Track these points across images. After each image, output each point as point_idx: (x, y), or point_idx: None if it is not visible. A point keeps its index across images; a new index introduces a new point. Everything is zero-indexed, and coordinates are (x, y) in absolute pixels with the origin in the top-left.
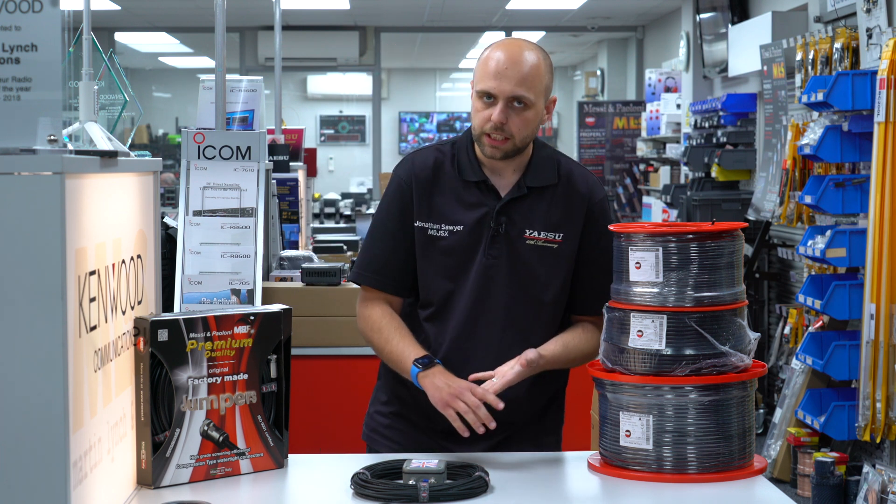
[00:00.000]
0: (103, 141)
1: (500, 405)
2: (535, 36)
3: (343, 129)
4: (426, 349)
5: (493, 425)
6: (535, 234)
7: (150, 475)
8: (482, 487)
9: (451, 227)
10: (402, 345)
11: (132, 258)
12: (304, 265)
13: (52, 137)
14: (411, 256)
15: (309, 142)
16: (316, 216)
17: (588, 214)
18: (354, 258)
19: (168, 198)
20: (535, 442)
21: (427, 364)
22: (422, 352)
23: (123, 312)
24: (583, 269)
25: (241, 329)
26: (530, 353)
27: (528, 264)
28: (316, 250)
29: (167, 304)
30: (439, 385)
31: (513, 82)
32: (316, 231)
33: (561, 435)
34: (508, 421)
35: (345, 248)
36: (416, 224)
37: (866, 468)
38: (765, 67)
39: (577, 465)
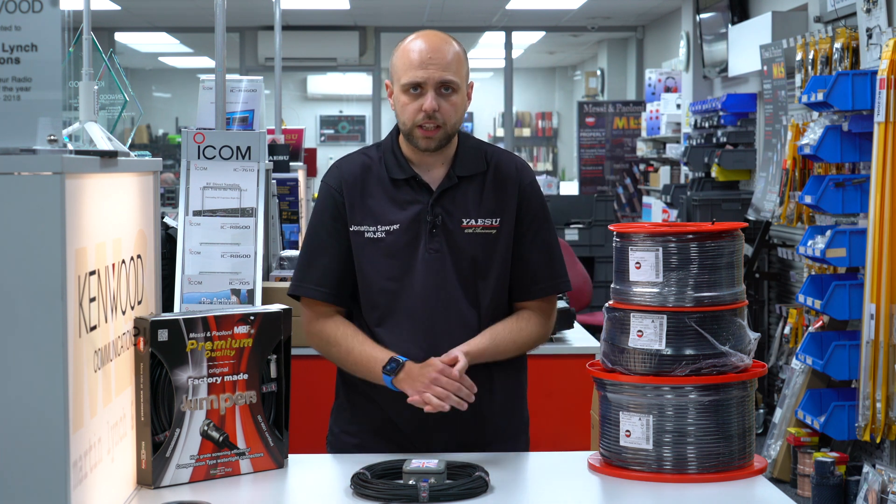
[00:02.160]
0: (103, 141)
1: (471, 386)
2: (535, 36)
3: (343, 129)
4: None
5: (464, 405)
6: (473, 221)
7: (150, 475)
8: (482, 487)
9: (387, 228)
10: (365, 352)
11: (132, 258)
12: None
13: (52, 137)
14: (350, 265)
15: (309, 142)
16: None
17: (521, 197)
18: None
19: (168, 198)
20: (509, 442)
21: (395, 368)
22: (386, 354)
23: (123, 312)
24: (518, 254)
25: (241, 329)
26: (454, 353)
27: (470, 253)
28: None
29: (167, 304)
30: (415, 382)
31: (440, 68)
32: None
33: (529, 434)
34: (479, 413)
35: None
36: (352, 229)
37: (866, 468)
38: (765, 67)
39: (577, 465)
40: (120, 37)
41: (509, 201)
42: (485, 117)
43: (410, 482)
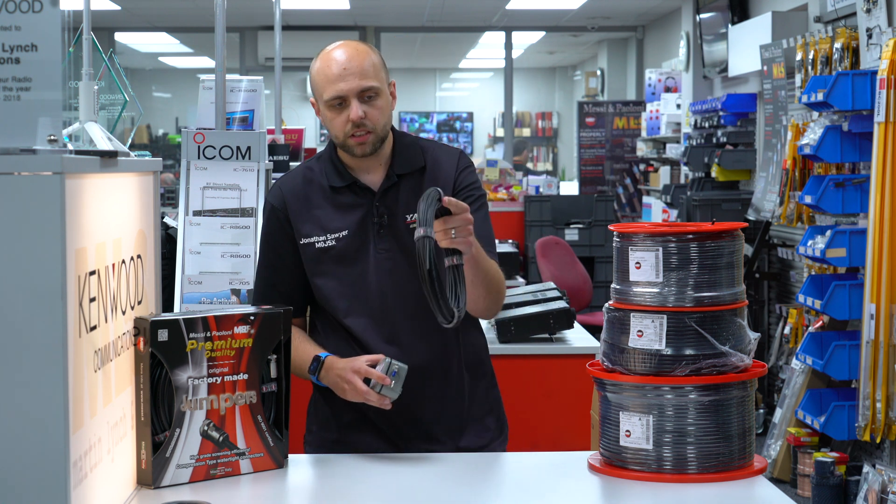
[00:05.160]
0: (103, 141)
1: (387, 381)
2: (536, 36)
3: None
4: (355, 348)
5: (386, 403)
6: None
7: (150, 475)
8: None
9: (336, 235)
10: (299, 352)
11: (132, 258)
12: None
13: (52, 137)
14: (303, 278)
15: (309, 142)
16: None
17: (455, 180)
18: None
19: (168, 198)
20: (482, 423)
21: (316, 367)
22: (314, 352)
23: (123, 312)
24: None
25: (241, 329)
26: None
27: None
28: None
29: (167, 304)
30: (335, 382)
31: (357, 77)
32: None
33: (505, 423)
34: (440, 395)
35: None
36: (301, 242)
37: (866, 468)
38: (765, 67)
39: (577, 465)
40: (120, 37)
41: (447, 191)
42: (485, 117)
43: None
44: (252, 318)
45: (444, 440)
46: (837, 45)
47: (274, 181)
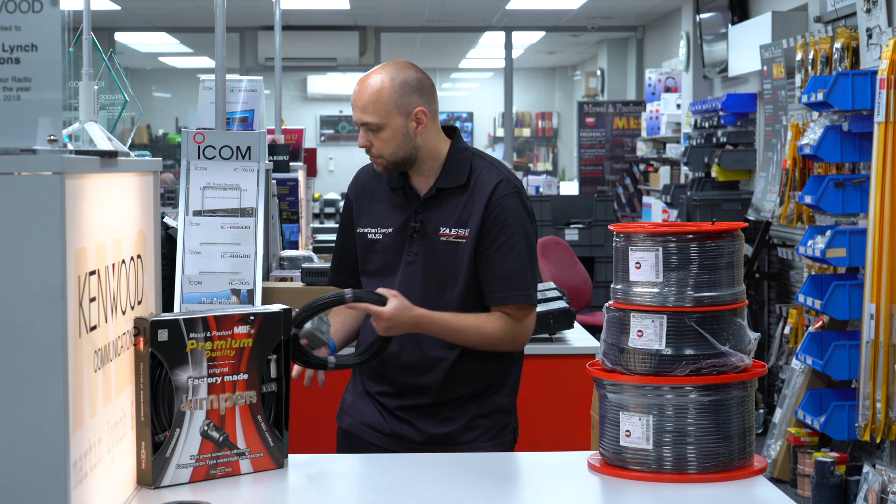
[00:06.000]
0: (103, 141)
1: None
2: (535, 36)
3: (343, 129)
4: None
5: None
6: (448, 230)
7: (150, 475)
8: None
9: (384, 230)
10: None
11: (132, 258)
12: (304, 265)
13: (52, 137)
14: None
15: (309, 142)
16: (316, 216)
17: (488, 209)
18: None
19: (168, 198)
20: (465, 418)
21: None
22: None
23: (123, 312)
24: (481, 260)
25: (241, 329)
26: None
27: (441, 260)
28: (316, 250)
29: (167, 304)
30: None
31: (358, 111)
32: (316, 231)
33: (511, 429)
34: (425, 384)
35: None
36: (357, 231)
37: (866, 468)
38: (765, 67)
39: (577, 465)
40: (120, 37)
41: (478, 213)
42: (485, 117)
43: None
44: (252, 318)
45: (421, 420)
46: (837, 45)
47: (355, 175)
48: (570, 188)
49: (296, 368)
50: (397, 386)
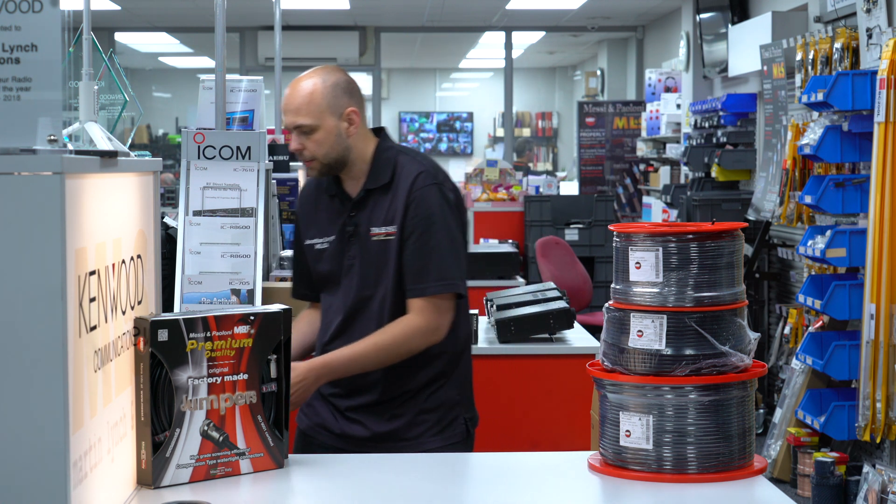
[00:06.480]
0: (103, 141)
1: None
2: (535, 36)
3: None
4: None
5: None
6: (378, 230)
7: (150, 475)
8: None
9: (329, 238)
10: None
11: (132, 258)
12: None
13: (52, 137)
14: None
15: None
16: None
17: (408, 202)
18: None
19: (168, 198)
20: (403, 412)
21: None
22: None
23: (123, 312)
24: (402, 254)
25: (241, 329)
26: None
27: (375, 260)
28: None
29: (167, 304)
30: None
31: (291, 114)
32: None
33: (462, 421)
34: (371, 381)
35: None
36: (306, 243)
37: (866, 468)
38: (765, 67)
39: (577, 465)
40: (120, 37)
41: (401, 208)
42: (485, 117)
43: None
44: (252, 318)
45: (370, 421)
46: (837, 45)
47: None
48: (570, 188)
49: None
50: (346, 386)
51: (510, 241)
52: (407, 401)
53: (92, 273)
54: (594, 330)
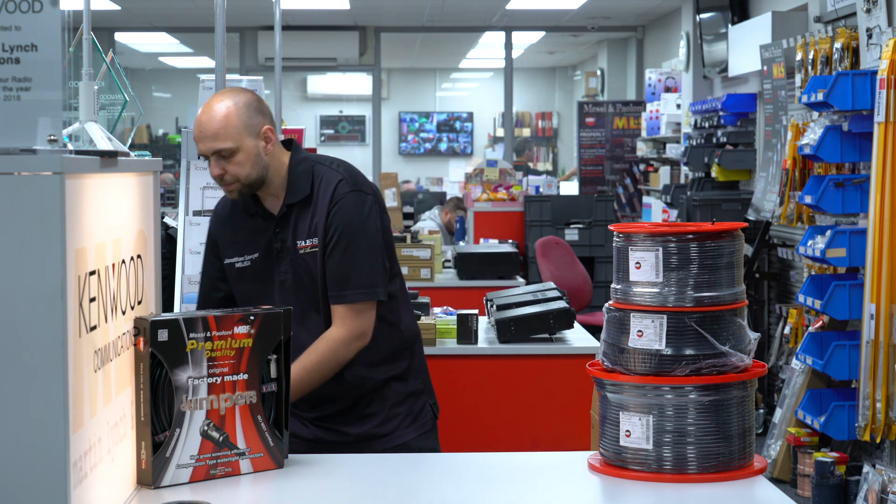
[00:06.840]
0: (103, 141)
1: None
2: (535, 36)
3: (343, 129)
4: None
5: None
6: (303, 243)
7: (150, 475)
8: None
9: (251, 257)
10: None
11: (132, 258)
12: None
13: (52, 137)
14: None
15: (309, 142)
16: None
17: (329, 211)
18: None
19: (168, 198)
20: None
21: None
22: None
23: (123, 312)
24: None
25: (241, 329)
26: None
27: (308, 273)
28: None
29: (167, 304)
30: None
31: (209, 140)
32: None
33: (428, 407)
34: (329, 394)
35: None
36: (225, 263)
37: (866, 468)
38: (765, 67)
39: (577, 465)
40: (120, 37)
41: (323, 218)
42: (485, 117)
43: None
44: (252, 318)
45: (335, 427)
46: (837, 45)
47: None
48: (570, 188)
49: None
50: (305, 401)
51: (510, 241)
52: (374, 400)
53: (92, 273)
54: (594, 330)
